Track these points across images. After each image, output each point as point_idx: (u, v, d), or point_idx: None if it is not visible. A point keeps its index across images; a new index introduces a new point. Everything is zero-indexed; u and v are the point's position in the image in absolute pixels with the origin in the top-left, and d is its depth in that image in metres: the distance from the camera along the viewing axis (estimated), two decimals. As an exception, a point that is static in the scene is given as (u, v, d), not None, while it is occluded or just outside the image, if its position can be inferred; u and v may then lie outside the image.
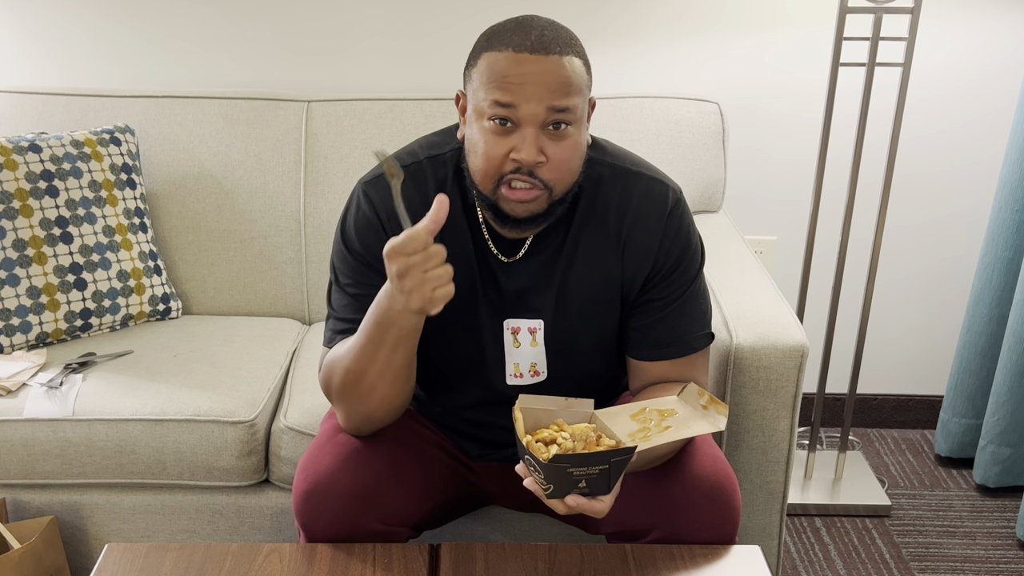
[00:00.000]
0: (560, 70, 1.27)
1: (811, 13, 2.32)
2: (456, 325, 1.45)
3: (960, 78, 2.39)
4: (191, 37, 2.31)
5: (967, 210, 2.51)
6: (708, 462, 1.43)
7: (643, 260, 1.42)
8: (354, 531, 1.39)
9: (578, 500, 1.21)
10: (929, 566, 2.17)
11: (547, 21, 1.32)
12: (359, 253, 1.41)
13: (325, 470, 1.40)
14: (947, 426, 2.50)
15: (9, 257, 1.93)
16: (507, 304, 1.44)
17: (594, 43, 2.35)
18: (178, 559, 1.34)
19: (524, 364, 1.47)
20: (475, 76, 1.31)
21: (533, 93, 1.26)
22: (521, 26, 1.29)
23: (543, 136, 1.29)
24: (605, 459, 1.18)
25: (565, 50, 1.28)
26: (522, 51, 1.26)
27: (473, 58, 1.32)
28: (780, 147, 2.45)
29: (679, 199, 1.44)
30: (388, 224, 1.41)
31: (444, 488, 1.51)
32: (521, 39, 1.27)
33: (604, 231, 1.42)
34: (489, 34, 1.31)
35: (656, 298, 1.44)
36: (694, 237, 1.45)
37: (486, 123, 1.29)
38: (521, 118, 1.27)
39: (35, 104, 2.19)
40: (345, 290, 1.43)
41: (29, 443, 1.77)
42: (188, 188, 2.16)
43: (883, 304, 2.59)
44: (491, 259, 1.43)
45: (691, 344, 1.45)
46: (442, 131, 1.47)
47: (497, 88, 1.27)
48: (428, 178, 1.42)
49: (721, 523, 1.40)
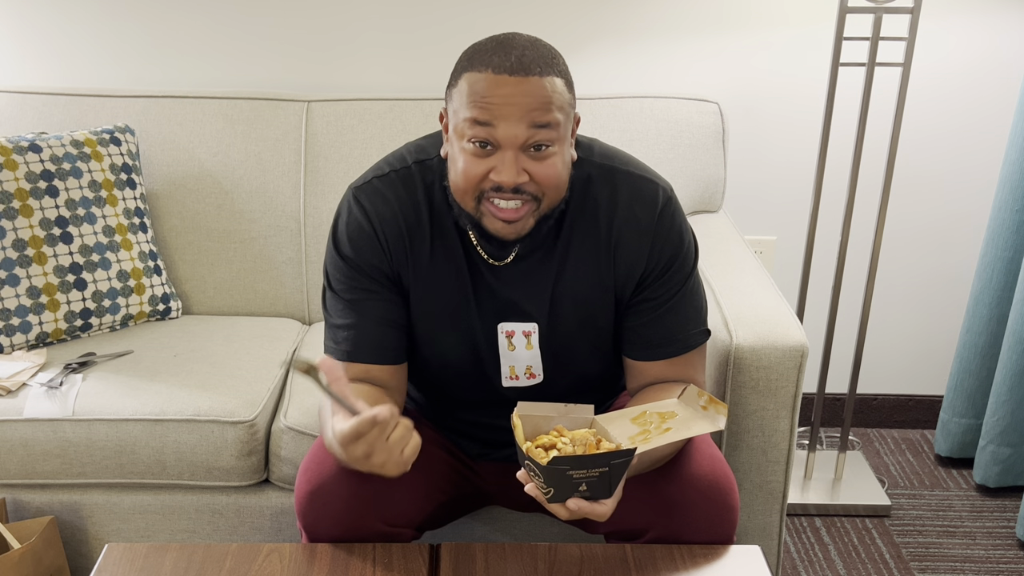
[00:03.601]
0: (540, 91, 1.26)
1: (811, 13, 2.32)
2: (451, 330, 1.45)
3: (960, 78, 2.40)
4: (191, 37, 2.31)
5: (967, 210, 2.51)
6: (706, 462, 1.43)
7: (635, 261, 1.42)
8: (358, 532, 1.38)
9: (579, 504, 1.21)
10: (929, 566, 2.17)
11: (528, 40, 1.30)
12: (352, 259, 1.41)
13: (329, 471, 1.40)
14: (947, 426, 2.50)
15: (9, 257, 1.93)
16: (500, 308, 1.44)
17: (594, 43, 2.35)
18: (178, 559, 1.34)
19: (520, 367, 1.47)
20: (455, 96, 1.30)
21: (512, 113, 1.25)
22: (502, 46, 1.28)
23: (524, 157, 1.28)
24: (605, 461, 1.18)
25: (546, 70, 1.27)
26: (501, 72, 1.25)
27: (454, 78, 1.31)
28: (780, 147, 2.45)
29: (670, 197, 1.43)
30: (380, 230, 1.40)
31: (446, 488, 1.52)
32: (501, 59, 1.26)
33: (595, 232, 1.41)
34: (470, 53, 1.30)
35: (650, 298, 1.43)
36: (686, 235, 1.44)
37: (466, 144, 1.28)
38: (500, 139, 1.26)
39: (35, 104, 2.19)
40: (340, 295, 1.43)
41: (29, 443, 1.77)
42: (188, 188, 2.17)
43: (883, 304, 2.59)
44: (481, 264, 1.42)
45: (687, 342, 1.45)
46: (430, 136, 1.47)
47: (475, 108, 1.26)
48: (417, 183, 1.41)
49: (719, 523, 1.40)
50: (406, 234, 1.41)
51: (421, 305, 1.44)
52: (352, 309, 1.41)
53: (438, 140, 1.45)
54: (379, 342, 1.42)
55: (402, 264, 1.42)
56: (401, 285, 1.43)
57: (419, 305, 1.44)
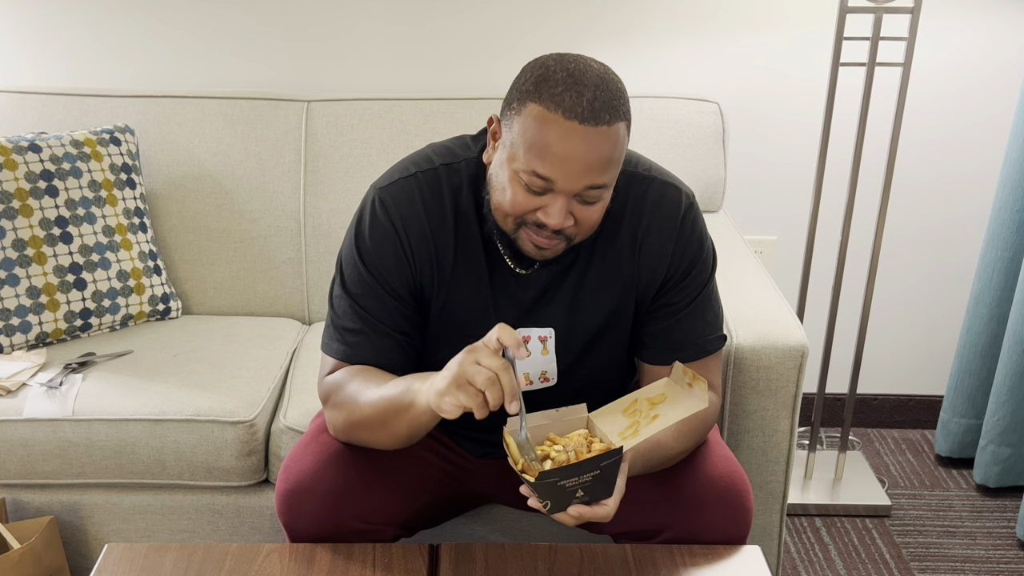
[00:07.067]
0: (604, 145, 1.23)
1: (811, 13, 2.32)
2: (469, 334, 1.44)
3: (960, 78, 2.39)
4: (191, 37, 2.31)
5: (967, 210, 2.51)
6: (721, 463, 1.43)
7: (658, 265, 1.42)
8: (336, 530, 1.39)
9: (580, 510, 1.21)
10: (929, 566, 2.17)
11: (599, 74, 1.24)
12: (372, 265, 1.39)
13: (307, 469, 1.40)
14: (947, 426, 2.50)
15: (9, 257, 1.93)
16: (520, 314, 1.43)
17: (594, 43, 2.35)
18: (178, 559, 1.34)
19: (534, 372, 1.46)
20: (516, 124, 1.25)
21: (574, 171, 1.23)
22: (575, 82, 1.22)
23: (573, 202, 1.27)
24: (595, 465, 1.18)
25: (615, 117, 1.23)
26: (572, 118, 1.21)
27: (519, 100, 1.25)
28: (780, 147, 2.45)
29: (692, 203, 1.43)
30: (404, 234, 1.38)
31: (432, 488, 1.51)
32: (573, 101, 1.21)
33: (619, 237, 1.41)
34: (537, 80, 1.24)
35: (670, 303, 1.43)
36: (707, 240, 1.45)
37: (521, 176, 1.26)
38: (556, 187, 1.25)
39: (35, 104, 2.19)
40: (353, 299, 1.41)
41: (29, 443, 1.77)
42: (188, 188, 2.16)
43: (883, 304, 2.59)
44: (505, 271, 1.42)
45: (704, 347, 1.45)
46: (455, 139, 1.45)
47: (538, 158, 1.23)
48: (443, 185, 1.40)
49: (735, 523, 1.40)
50: (431, 238, 1.39)
51: (441, 310, 1.43)
52: (363, 317, 1.40)
53: (464, 145, 1.43)
54: (384, 354, 1.41)
55: (424, 270, 1.40)
56: (421, 293, 1.42)
57: (439, 310, 1.43)
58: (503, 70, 2.24)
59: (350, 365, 1.41)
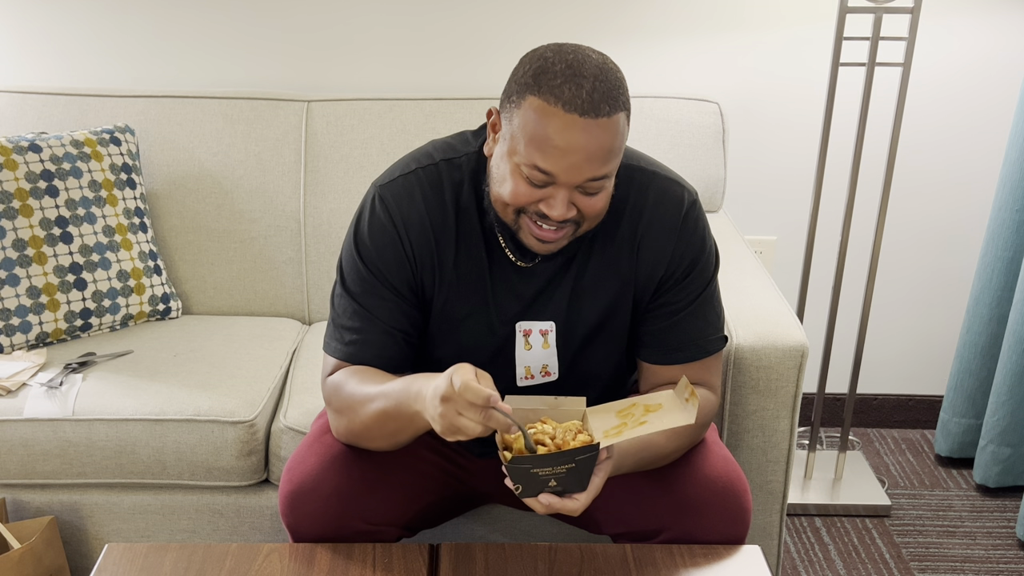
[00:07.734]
0: (605, 137, 1.22)
1: (811, 13, 2.32)
2: (470, 330, 1.44)
3: (960, 78, 2.39)
4: (191, 37, 2.31)
5: (967, 210, 2.51)
6: (719, 463, 1.43)
7: (657, 262, 1.41)
8: (340, 531, 1.39)
9: (551, 499, 1.22)
10: (929, 566, 2.17)
11: (597, 65, 1.24)
12: (371, 263, 1.39)
13: (310, 470, 1.41)
14: (947, 426, 2.50)
15: (9, 257, 1.93)
16: (520, 307, 1.43)
17: (594, 43, 2.34)
18: (178, 559, 1.34)
19: (535, 366, 1.46)
20: (516, 117, 1.25)
21: (575, 163, 1.22)
22: (573, 73, 1.21)
23: (575, 193, 1.27)
24: (570, 458, 1.18)
25: (615, 108, 1.22)
26: (572, 111, 1.20)
27: (518, 93, 1.25)
28: (780, 147, 2.45)
29: (695, 201, 1.43)
30: (405, 232, 1.38)
31: (434, 488, 1.51)
32: (572, 94, 1.20)
33: (620, 232, 1.41)
34: (536, 72, 1.23)
35: (670, 302, 1.43)
36: (709, 240, 1.44)
37: (522, 169, 1.26)
38: (557, 180, 1.25)
39: (35, 104, 2.19)
40: (353, 297, 1.41)
41: (29, 443, 1.77)
42: (188, 188, 2.16)
43: (883, 304, 2.59)
44: (507, 264, 1.41)
45: (705, 348, 1.44)
46: (455, 135, 1.45)
47: (538, 152, 1.23)
48: (444, 181, 1.39)
49: (733, 524, 1.40)
50: (432, 235, 1.39)
51: (442, 306, 1.43)
52: (362, 315, 1.40)
53: (465, 140, 1.43)
54: (384, 352, 1.41)
55: (426, 268, 1.40)
56: (421, 291, 1.42)
57: (440, 306, 1.43)
58: (503, 70, 2.23)
59: (350, 365, 1.41)
